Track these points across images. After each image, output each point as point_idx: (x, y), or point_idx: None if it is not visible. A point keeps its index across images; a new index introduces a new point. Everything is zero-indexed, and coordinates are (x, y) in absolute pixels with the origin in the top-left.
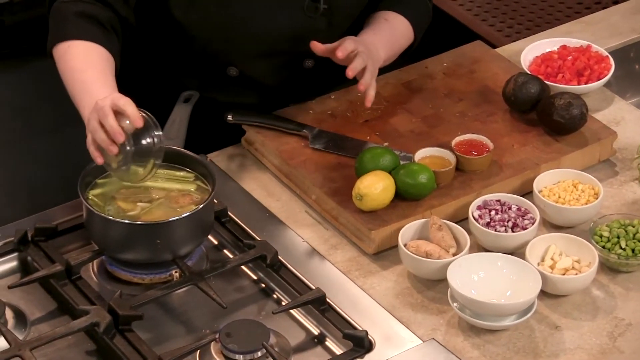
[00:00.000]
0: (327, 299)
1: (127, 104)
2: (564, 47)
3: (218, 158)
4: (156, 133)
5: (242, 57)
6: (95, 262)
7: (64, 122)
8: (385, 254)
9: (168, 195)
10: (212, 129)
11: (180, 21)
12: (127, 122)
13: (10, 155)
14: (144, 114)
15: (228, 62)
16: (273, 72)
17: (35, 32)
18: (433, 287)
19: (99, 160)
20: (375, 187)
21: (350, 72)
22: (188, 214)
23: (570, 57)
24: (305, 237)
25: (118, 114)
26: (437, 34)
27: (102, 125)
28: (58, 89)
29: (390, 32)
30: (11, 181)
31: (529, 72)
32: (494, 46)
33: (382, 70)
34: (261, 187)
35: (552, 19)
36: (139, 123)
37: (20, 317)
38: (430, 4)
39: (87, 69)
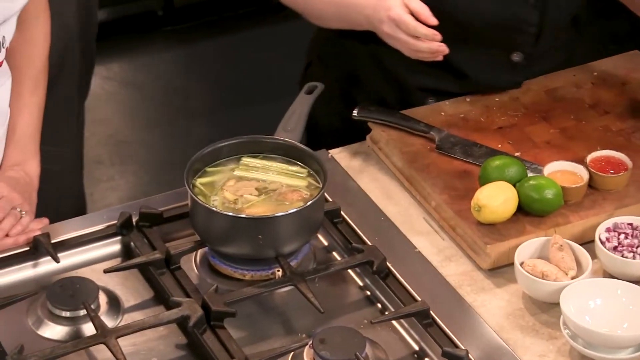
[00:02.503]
0: (432, 313)
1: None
2: None
3: (340, 155)
4: None
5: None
6: (198, 253)
7: (219, 105)
8: (502, 270)
9: (278, 189)
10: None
11: None
12: None
13: (164, 134)
14: None
15: None
16: (475, 61)
17: (204, 14)
18: (548, 310)
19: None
20: (496, 198)
21: None
22: (293, 210)
23: None
24: (418, 246)
25: None
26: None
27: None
28: (218, 71)
29: None
30: (162, 160)
31: None
32: None
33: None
34: (380, 188)
35: None
36: (432, 20)
37: (114, 303)
38: None
39: None
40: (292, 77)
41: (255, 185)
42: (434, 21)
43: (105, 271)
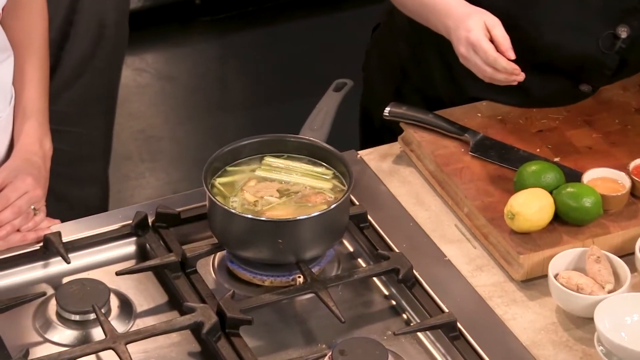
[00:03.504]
0: (459, 326)
1: (496, 25)
2: None
3: (370, 156)
4: None
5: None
6: (216, 257)
7: (257, 99)
8: (536, 282)
9: (300, 191)
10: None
11: None
12: None
13: (198, 129)
14: None
15: None
16: (542, 84)
17: (243, 4)
18: (583, 325)
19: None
20: (530, 206)
21: None
22: (316, 214)
23: None
24: (448, 254)
25: None
26: None
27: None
28: (256, 64)
29: None
30: (194, 156)
31: None
32: None
33: None
34: (411, 193)
35: None
36: (511, 54)
37: (126, 307)
38: None
39: None
40: (333, 72)
41: (277, 186)
42: (512, 55)
43: (118, 273)
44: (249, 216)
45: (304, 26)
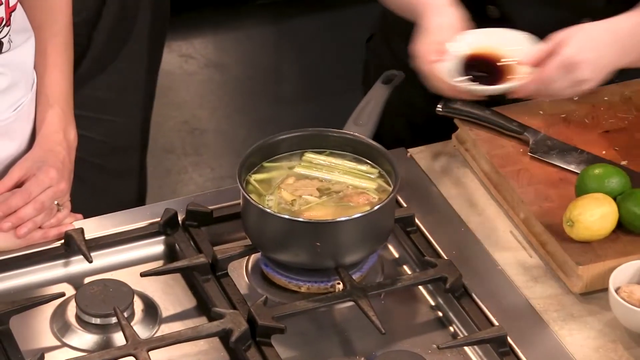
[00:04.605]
0: (509, 340)
1: None
2: None
3: (420, 155)
4: None
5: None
6: (250, 259)
7: (314, 91)
8: (596, 296)
9: (342, 191)
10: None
11: None
12: None
13: (247, 122)
14: None
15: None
16: (541, 21)
17: None
18: None
19: None
20: (591, 213)
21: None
22: (358, 215)
23: None
24: (502, 263)
25: None
26: None
27: None
28: (314, 52)
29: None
30: (240, 150)
31: None
32: None
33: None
34: (463, 195)
35: None
36: None
37: (151, 311)
38: None
39: None
40: None
41: (317, 185)
42: None
43: (142, 274)
44: (286, 216)
45: (366, 11)
